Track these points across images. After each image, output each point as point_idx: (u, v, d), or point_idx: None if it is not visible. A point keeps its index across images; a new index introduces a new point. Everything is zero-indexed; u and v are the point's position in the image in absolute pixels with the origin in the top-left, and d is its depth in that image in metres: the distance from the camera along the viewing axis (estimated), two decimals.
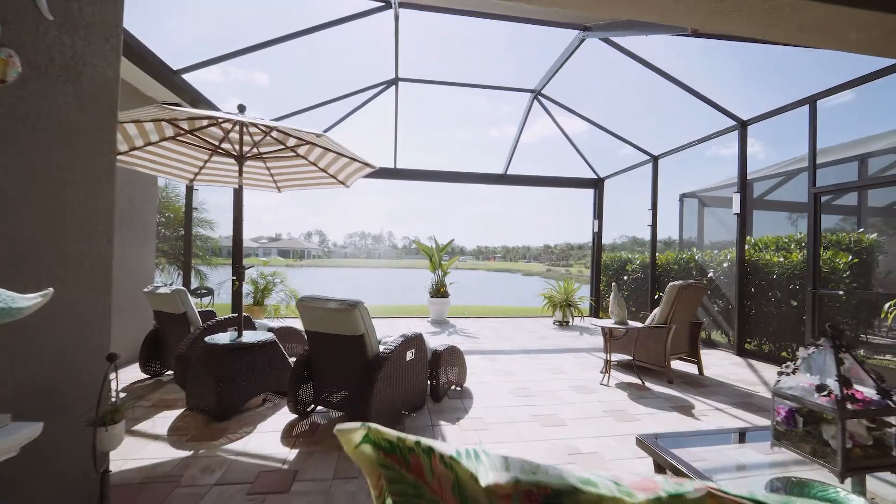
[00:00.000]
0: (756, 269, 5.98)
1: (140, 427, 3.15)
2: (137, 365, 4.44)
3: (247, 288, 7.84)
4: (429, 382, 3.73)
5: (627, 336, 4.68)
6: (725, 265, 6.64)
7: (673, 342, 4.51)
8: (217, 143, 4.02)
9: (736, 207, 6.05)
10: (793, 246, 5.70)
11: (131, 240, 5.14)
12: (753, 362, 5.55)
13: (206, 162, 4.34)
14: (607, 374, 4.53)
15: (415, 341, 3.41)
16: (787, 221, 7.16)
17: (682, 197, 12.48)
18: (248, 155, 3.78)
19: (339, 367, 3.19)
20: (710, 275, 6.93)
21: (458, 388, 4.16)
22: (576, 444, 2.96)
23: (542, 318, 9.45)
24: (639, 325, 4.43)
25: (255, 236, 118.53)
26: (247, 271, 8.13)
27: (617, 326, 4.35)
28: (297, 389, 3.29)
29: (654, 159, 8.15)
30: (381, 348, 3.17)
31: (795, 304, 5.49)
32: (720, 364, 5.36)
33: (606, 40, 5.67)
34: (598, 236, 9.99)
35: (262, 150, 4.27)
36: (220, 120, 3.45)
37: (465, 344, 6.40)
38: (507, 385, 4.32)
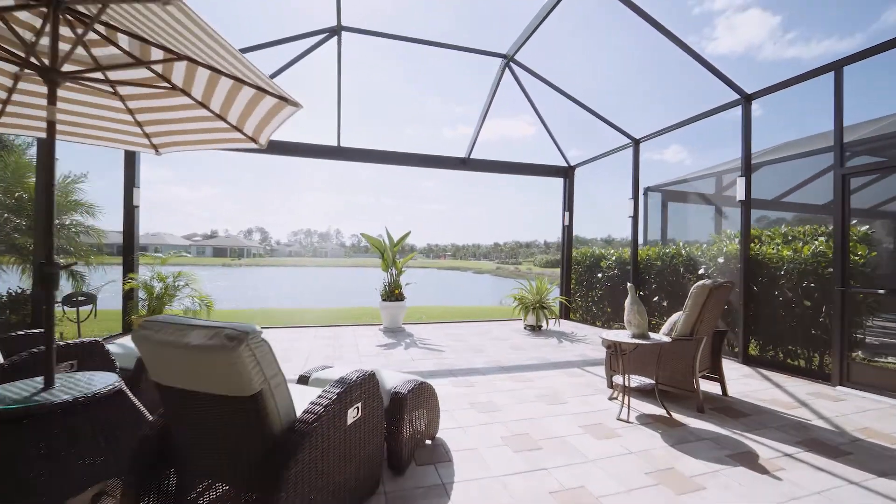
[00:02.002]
0: (759, 265, 5.22)
1: None
2: None
3: (152, 293, 5.95)
4: (385, 444, 2.36)
5: (640, 351, 3.61)
6: (720, 260, 5.87)
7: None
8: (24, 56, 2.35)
9: (741, 193, 5.26)
10: (805, 237, 4.99)
11: None
12: (766, 373, 4.75)
13: (9, 95, 2.64)
14: (624, 405, 3.41)
15: (363, 387, 2.03)
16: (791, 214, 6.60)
17: (647, 191, 11.98)
18: (71, 71, 2.17)
19: (217, 451, 1.73)
20: (702, 271, 6.16)
21: (430, 443, 2.83)
22: None
23: (510, 322, 8.35)
24: (664, 338, 3.35)
25: (188, 233, 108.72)
26: (142, 273, 6.22)
27: (636, 342, 3.25)
28: (146, 483, 1.80)
29: (636, 143, 7.32)
30: (302, 411, 1.76)
31: (809, 303, 4.76)
32: (730, 376, 4.48)
33: None
34: (568, 230, 9.09)
35: (113, 76, 2.66)
36: None
37: (428, 360, 5.07)
38: (496, 430, 3.05)
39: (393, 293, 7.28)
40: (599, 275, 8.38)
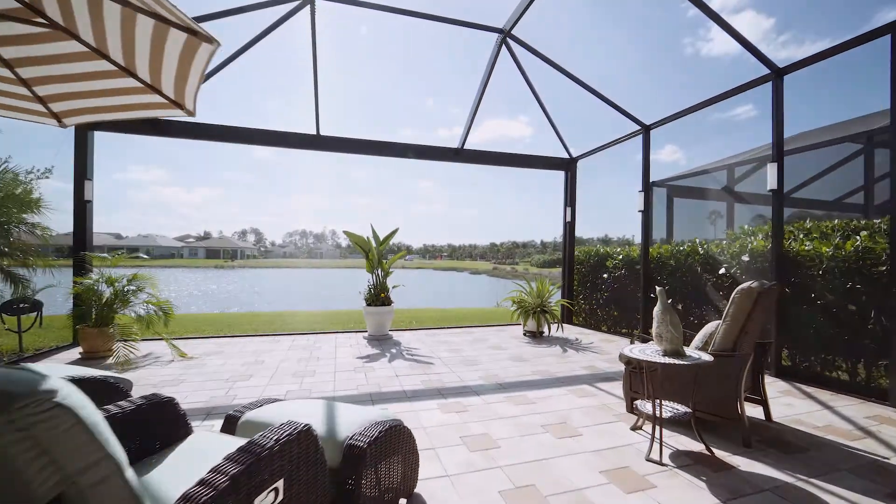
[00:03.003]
0: (794, 264, 4.56)
1: None
2: None
3: (100, 299, 5.20)
4: None
5: (670, 372, 2.92)
6: (745, 258, 5.21)
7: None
8: None
9: (772, 181, 4.60)
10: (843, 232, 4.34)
11: None
12: (805, 389, 4.09)
13: None
14: (655, 440, 2.72)
15: (289, 454, 1.32)
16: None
17: (652, 186, 11.34)
18: None
19: None
20: (723, 271, 5.49)
21: (405, 502, 2.13)
22: None
23: (508, 328, 7.67)
24: (704, 355, 2.66)
25: (181, 235, 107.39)
26: (86, 277, 5.47)
27: (671, 361, 2.56)
28: None
29: (646, 130, 6.65)
30: None
31: (854, 307, 4.10)
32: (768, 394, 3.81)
33: None
34: (570, 227, 8.41)
35: None
36: None
37: (415, 376, 4.37)
38: (494, 481, 2.35)
39: (378, 297, 6.56)
40: (605, 275, 7.71)
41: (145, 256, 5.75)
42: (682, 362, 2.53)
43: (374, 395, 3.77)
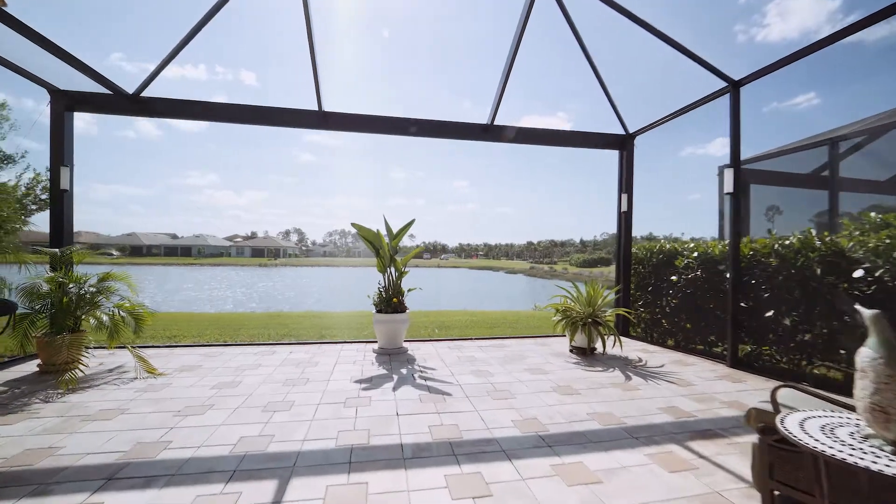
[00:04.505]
0: None
1: None
2: None
3: (60, 302, 4.40)
4: None
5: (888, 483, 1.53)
6: None
7: None
8: None
9: None
10: None
11: None
12: None
13: None
14: None
15: None
16: None
17: (723, 170, 9.59)
18: None
19: None
20: (859, 273, 3.88)
21: None
22: None
23: (550, 340, 6.31)
24: None
25: (230, 235, 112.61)
26: (39, 277, 4.68)
27: None
28: None
29: (735, 86, 5.07)
30: None
31: None
32: None
33: None
34: (626, 218, 6.90)
35: None
36: None
37: (422, 417, 3.16)
38: None
39: (391, 302, 5.41)
40: (673, 277, 6.15)
41: (116, 254, 4.95)
42: None
43: (357, 452, 2.60)
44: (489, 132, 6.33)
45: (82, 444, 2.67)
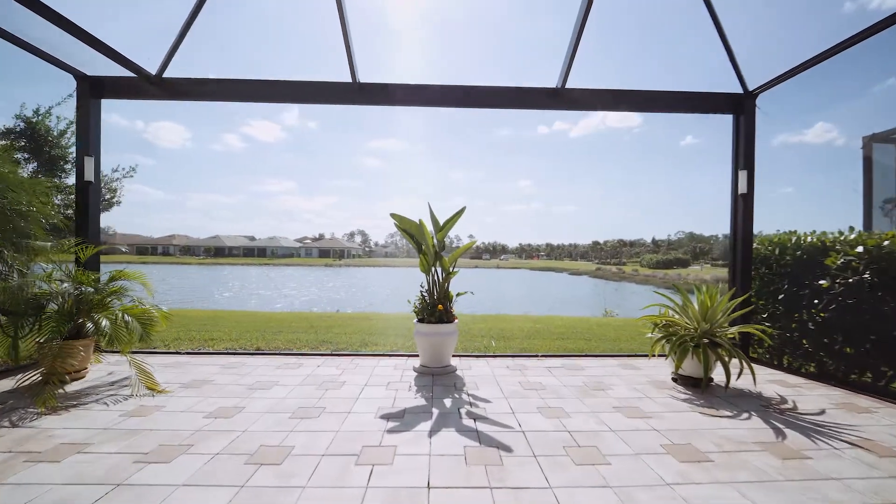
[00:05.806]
0: None
1: None
2: None
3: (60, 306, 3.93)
4: None
5: None
6: None
7: None
8: None
9: None
10: None
11: None
12: None
13: None
14: None
15: None
16: None
17: (870, 142, 7.51)
18: None
19: None
20: None
21: None
22: None
23: (640, 362, 4.87)
24: None
25: (300, 237, 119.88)
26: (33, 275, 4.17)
27: None
28: None
29: None
30: None
31: None
32: None
33: None
34: (746, 202, 5.22)
35: None
36: None
37: (468, 490, 2.03)
38: None
39: (435, 309, 4.35)
40: (822, 282, 4.41)
41: (124, 250, 4.39)
42: None
43: None
44: (559, 98, 5.05)
45: None
